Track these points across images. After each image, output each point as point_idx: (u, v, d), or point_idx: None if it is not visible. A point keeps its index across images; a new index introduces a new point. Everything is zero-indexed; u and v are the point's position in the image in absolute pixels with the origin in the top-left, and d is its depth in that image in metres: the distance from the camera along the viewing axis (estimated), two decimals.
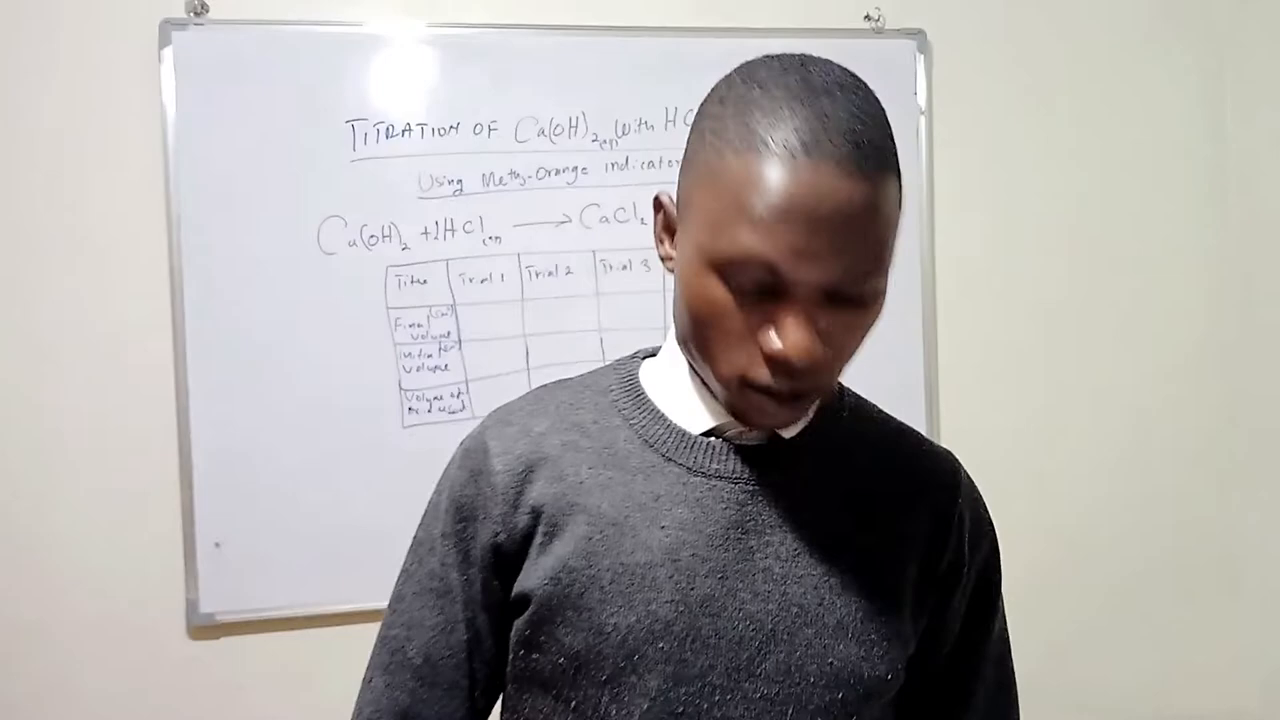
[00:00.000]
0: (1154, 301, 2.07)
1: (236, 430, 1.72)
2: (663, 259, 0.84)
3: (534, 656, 0.83)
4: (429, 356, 1.78)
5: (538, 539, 0.83)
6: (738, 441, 0.84)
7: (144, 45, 1.70)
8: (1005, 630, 0.96)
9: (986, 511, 0.94)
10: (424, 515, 0.91)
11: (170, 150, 1.70)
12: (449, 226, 1.78)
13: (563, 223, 1.80)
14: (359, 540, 1.70)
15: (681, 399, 0.86)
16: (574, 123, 1.81)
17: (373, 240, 1.76)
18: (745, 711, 0.80)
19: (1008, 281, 2.01)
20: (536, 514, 0.83)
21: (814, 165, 0.69)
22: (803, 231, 0.70)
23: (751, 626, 0.80)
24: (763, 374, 0.75)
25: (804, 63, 0.75)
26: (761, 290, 0.73)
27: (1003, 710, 0.95)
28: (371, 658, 0.91)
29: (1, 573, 1.69)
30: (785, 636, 0.81)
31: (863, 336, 0.79)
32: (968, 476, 0.92)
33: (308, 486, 1.71)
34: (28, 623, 1.69)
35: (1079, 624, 2.04)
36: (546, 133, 1.80)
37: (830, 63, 0.76)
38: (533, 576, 0.82)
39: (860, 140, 0.71)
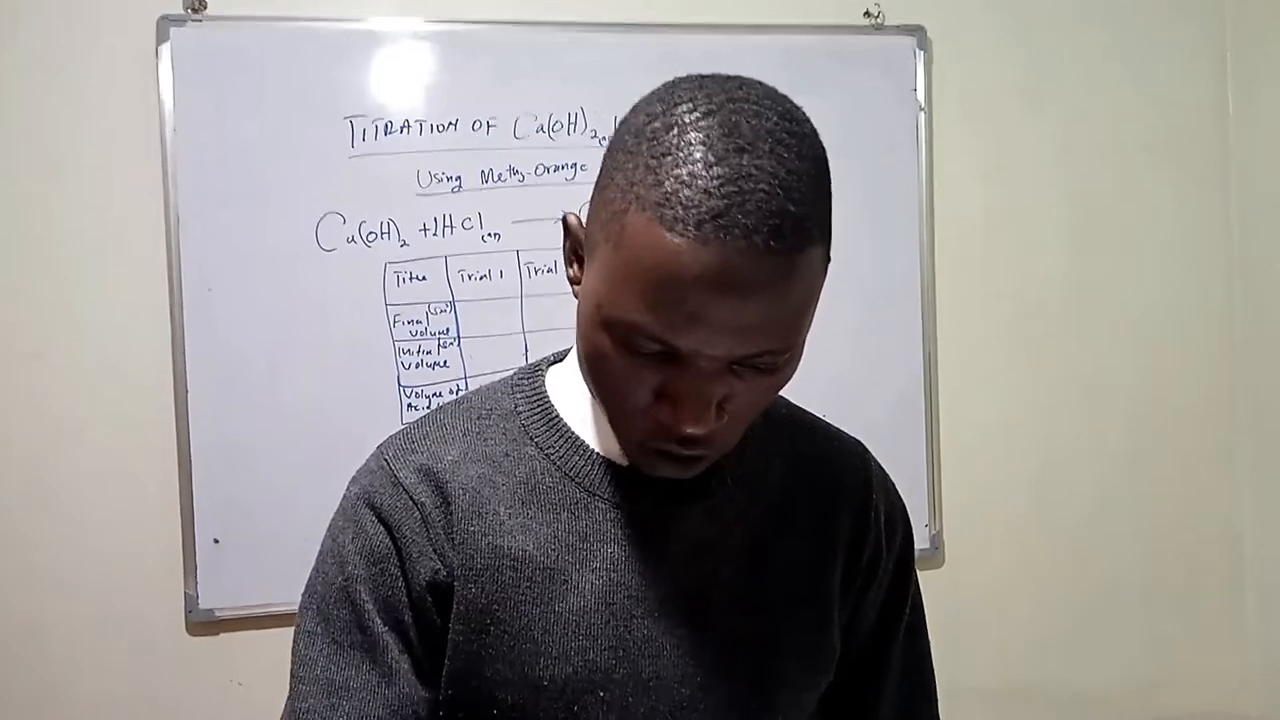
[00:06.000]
0: (1157, 294, 2.06)
1: (235, 427, 1.71)
2: (570, 282, 0.77)
3: (464, 710, 0.78)
4: (428, 353, 1.78)
5: (459, 584, 0.76)
6: None
7: (142, 41, 1.69)
8: (919, 608, 0.94)
9: (899, 498, 0.92)
10: (318, 567, 0.81)
11: (168, 146, 1.69)
12: (448, 223, 1.78)
13: (561, 220, 1.79)
14: None
15: (601, 425, 0.80)
16: (573, 119, 1.81)
17: (371, 237, 1.76)
18: None
19: (1008, 277, 2.01)
20: (460, 550, 0.77)
21: (721, 243, 0.62)
22: (703, 311, 0.64)
23: (692, 663, 0.78)
24: (658, 438, 0.72)
25: (732, 99, 0.66)
26: (658, 354, 0.67)
27: (917, 687, 0.95)
28: None
29: (1, 571, 1.69)
30: (725, 667, 0.79)
31: (772, 395, 0.73)
32: (878, 466, 0.91)
33: (306, 483, 1.70)
34: (28, 620, 1.69)
35: (1080, 621, 2.03)
36: (545, 129, 1.80)
37: (764, 98, 0.67)
38: (456, 628, 0.77)
39: (779, 213, 0.63)
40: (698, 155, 0.63)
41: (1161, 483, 2.06)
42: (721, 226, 0.62)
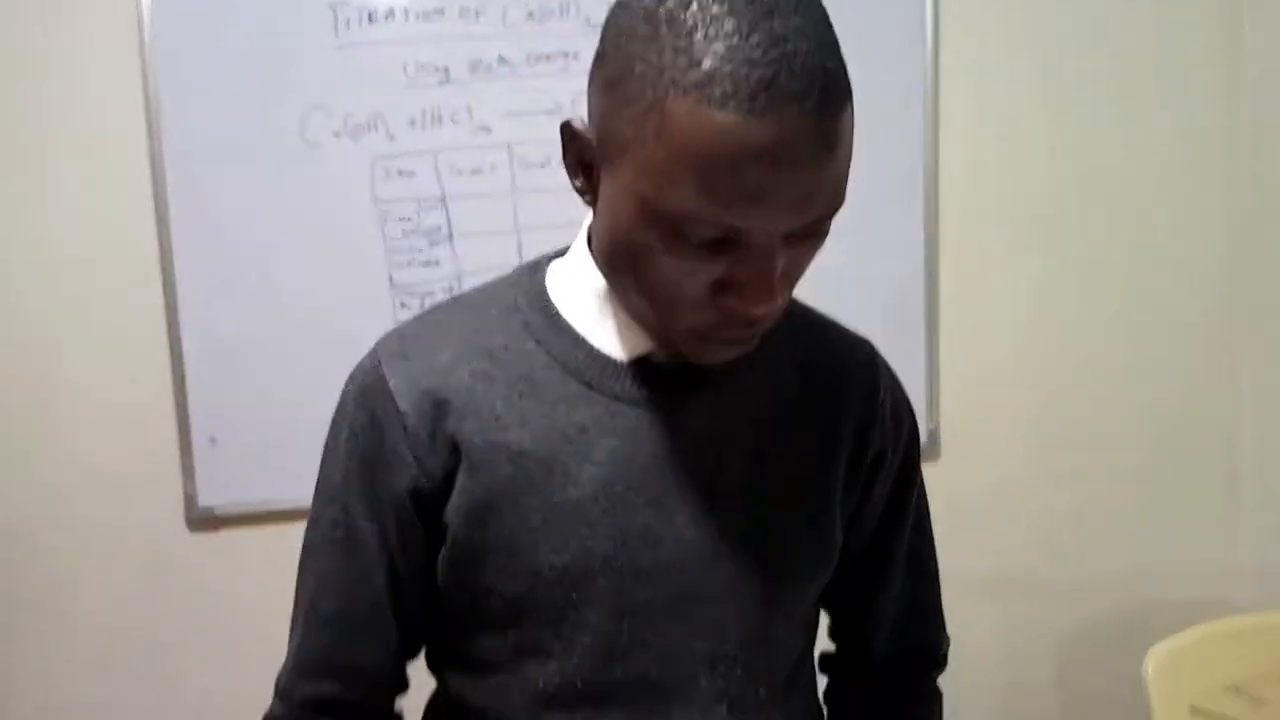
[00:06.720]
0: (1160, 193, 2.02)
1: (226, 326, 1.70)
2: (579, 192, 0.75)
3: (466, 597, 0.80)
4: (419, 251, 1.75)
5: (459, 479, 0.78)
6: (662, 363, 0.80)
7: None
8: (924, 505, 0.97)
9: (904, 394, 0.93)
10: (322, 460, 0.85)
11: (147, 38, 1.63)
12: (436, 116, 1.73)
13: (553, 111, 1.74)
14: None
15: (602, 321, 0.80)
16: (564, 5, 1.74)
17: (358, 131, 1.71)
18: (689, 634, 0.80)
19: (1012, 168, 1.96)
20: (453, 453, 0.78)
21: (777, 114, 0.61)
22: (765, 187, 0.63)
23: (690, 552, 0.79)
24: (720, 326, 0.71)
25: None
26: (715, 239, 0.66)
27: (921, 575, 0.97)
28: (294, 602, 0.87)
29: (2, 474, 1.69)
30: (725, 557, 0.80)
31: (815, 255, 0.73)
32: (885, 365, 0.91)
33: (300, 381, 1.70)
34: (30, 523, 1.70)
35: (1076, 513, 2.06)
36: (536, 16, 1.73)
37: None
38: (455, 520, 0.79)
39: (820, 72, 0.62)
40: (729, 26, 0.61)
41: (1161, 377, 2.06)
42: (774, 96, 0.61)
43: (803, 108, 0.62)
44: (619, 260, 0.73)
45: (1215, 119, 2.03)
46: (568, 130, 0.72)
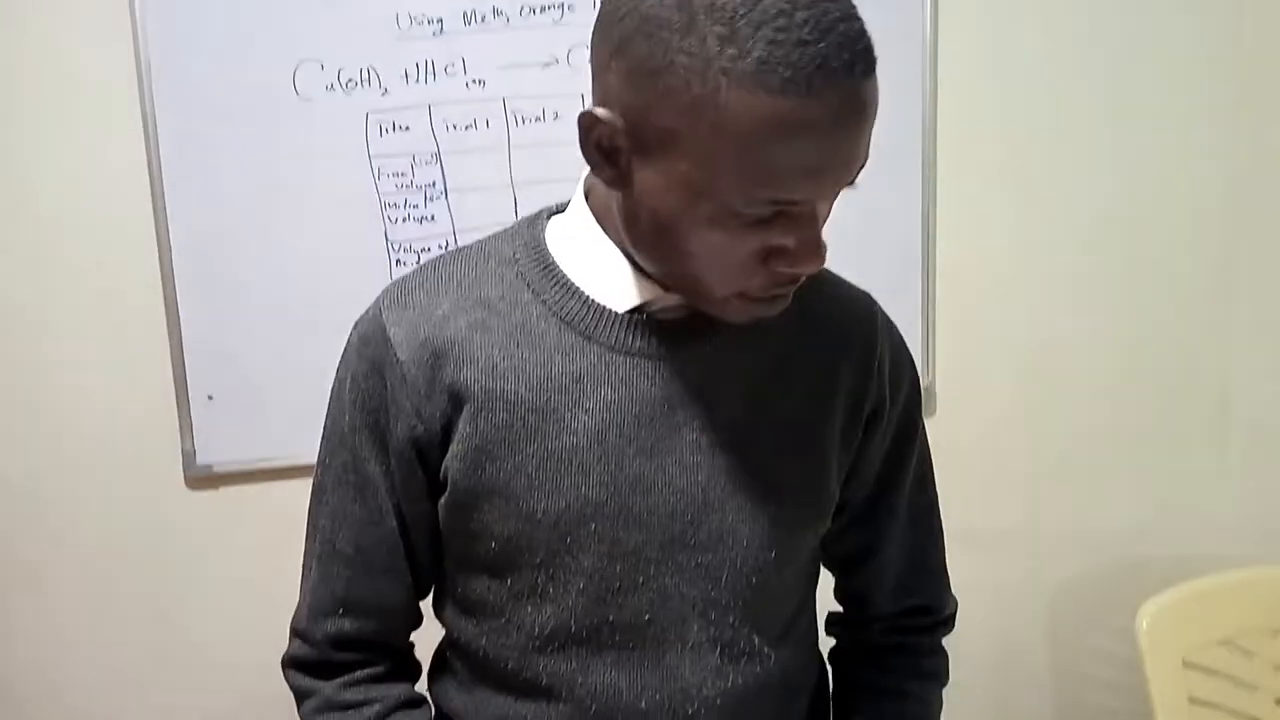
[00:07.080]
0: (1157, 145, 2.00)
1: (221, 282, 1.69)
2: (607, 182, 0.75)
3: (465, 541, 0.84)
4: (415, 207, 1.74)
5: (458, 426, 0.80)
6: (658, 316, 0.81)
7: None
8: (927, 462, 0.98)
9: (906, 350, 0.94)
10: (329, 403, 0.88)
11: None
12: (430, 69, 1.70)
13: (549, 64, 1.72)
14: None
15: (599, 273, 0.81)
16: None
17: (351, 84, 1.69)
18: (681, 580, 0.82)
19: (1011, 130, 1.95)
20: (451, 401, 0.80)
21: (836, 88, 0.64)
22: (821, 160, 0.67)
23: (683, 500, 0.81)
24: (769, 288, 0.74)
25: None
26: (770, 212, 0.69)
27: (924, 532, 0.98)
28: (306, 544, 0.91)
29: (3, 439, 1.69)
30: (716, 505, 0.82)
31: None
32: (885, 318, 0.92)
33: (296, 338, 1.69)
34: (27, 479, 1.71)
35: (1069, 467, 2.07)
36: None
37: None
38: (454, 465, 0.81)
39: (860, 36, 0.66)
40: (771, 8, 0.62)
41: (1155, 331, 2.05)
42: (827, 73, 0.63)
43: (851, 78, 0.65)
44: (661, 241, 0.73)
45: (1219, 63, 2.00)
46: (589, 119, 0.72)
